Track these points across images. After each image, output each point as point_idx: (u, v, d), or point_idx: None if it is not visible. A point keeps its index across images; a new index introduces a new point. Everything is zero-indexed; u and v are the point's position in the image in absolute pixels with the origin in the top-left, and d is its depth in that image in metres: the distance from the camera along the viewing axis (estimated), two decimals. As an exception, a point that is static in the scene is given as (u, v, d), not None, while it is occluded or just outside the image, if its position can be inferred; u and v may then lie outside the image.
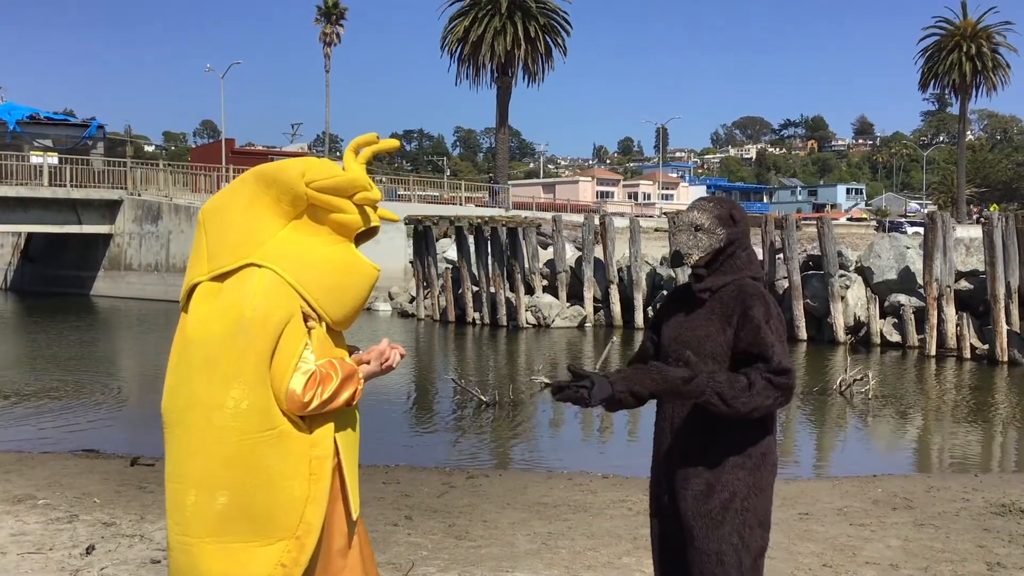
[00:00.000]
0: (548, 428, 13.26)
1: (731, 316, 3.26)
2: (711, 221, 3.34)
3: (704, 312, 3.33)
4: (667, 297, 3.63)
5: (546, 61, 53.41)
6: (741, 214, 3.42)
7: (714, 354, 3.26)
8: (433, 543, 6.37)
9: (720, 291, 3.33)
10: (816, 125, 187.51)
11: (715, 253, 3.34)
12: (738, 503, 3.23)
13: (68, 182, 37.26)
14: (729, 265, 3.35)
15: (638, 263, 25.44)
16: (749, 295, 3.28)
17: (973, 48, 61.24)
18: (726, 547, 3.21)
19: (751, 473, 3.26)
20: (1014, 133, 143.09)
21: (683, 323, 3.37)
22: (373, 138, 3.13)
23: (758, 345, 3.19)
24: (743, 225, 3.40)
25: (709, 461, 3.25)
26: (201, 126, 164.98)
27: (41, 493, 7.72)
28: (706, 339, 3.28)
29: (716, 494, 3.23)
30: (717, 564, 3.20)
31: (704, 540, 3.22)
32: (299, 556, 2.85)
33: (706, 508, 3.22)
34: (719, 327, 3.27)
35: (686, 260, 3.34)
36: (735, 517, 3.22)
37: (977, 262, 22.42)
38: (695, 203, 3.47)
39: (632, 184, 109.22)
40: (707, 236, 3.33)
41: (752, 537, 3.25)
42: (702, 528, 3.22)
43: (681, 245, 3.37)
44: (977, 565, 5.96)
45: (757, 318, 3.22)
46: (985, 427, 13.11)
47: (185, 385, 2.88)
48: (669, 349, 3.38)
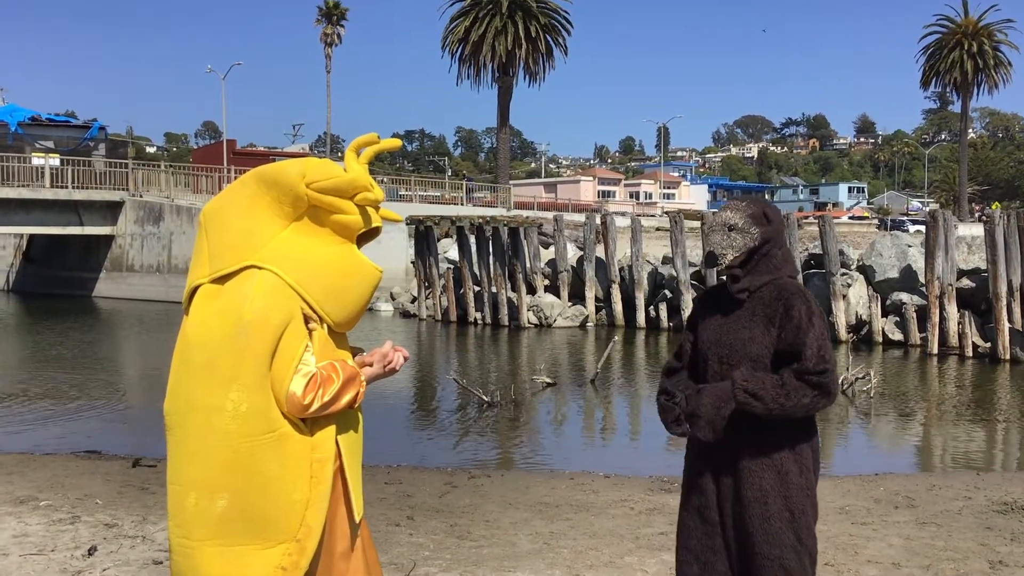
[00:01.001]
0: (550, 428, 13.26)
1: (773, 316, 3.23)
2: (745, 220, 3.31)
3: (745, 313, 3.29)
4: (701, 298, 3.59)
5: (547, 61, 53.45)
6: (775, 212, 3.39)
7: (758, 356, 3.23)
8: (435, 543, 6.37)
9: (759, 291, 3.29)
10: (818, 124, 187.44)
11: (750, 253, 3.30)
12: (795, 506, 3.21)
13: (70, 183, 37.26)
14: (765, 264, 3.31)
15: (640, 262, 25.43)
16: (791, 294, 3.25)
17: (975, 46, 61.21)
18: (787, 552, 3.19)
19: (802, 475, 3.25)
20: (1016, 131, 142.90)
21: (723, 325, 3.33)
22: (374, 138, 3.12)
23: (797, 344, 3.17)
24: (777, 224, 3.36)
25: (762, 466, 3.22)
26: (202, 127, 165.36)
27: (43, 494, 7.72)
28: (750, 341, 3.25)
29: (772, 500, 3.20)
30: (780, 568, 3.18)
31: (766, 547, 3.19)
32: (299, 559, 2.85)
33: (765, 515, 3.19)
34: (763, 328, 3.24)
35: (720, 260, 3.30)
36: (793, 521, 3.20)
37: (979, 260, 22.41)
38: (728, 203, 3.44)
39: (633, 183, 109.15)
40: (741, 236, 3.30)
41: (808, 537, 3.24)
42: (762, 535, 3.19)
43: (715, 245, 3.33)
44: (979, 563, 5.95)
45: (798, 316, 3.19)
46: (987, 425, 13.10)
47: (185, 387, 2.88)
48: (709, 352, 3.35)
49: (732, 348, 3.27)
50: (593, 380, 16.09)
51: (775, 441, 3.22)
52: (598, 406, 14.94)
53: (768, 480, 3.21)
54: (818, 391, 3.14)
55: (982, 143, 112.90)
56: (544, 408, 14.46)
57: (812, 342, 3.16)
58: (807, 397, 3.14)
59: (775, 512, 3.19)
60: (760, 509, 3.20)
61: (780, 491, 3.20)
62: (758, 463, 3.22)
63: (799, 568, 3.20)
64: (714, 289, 3.51)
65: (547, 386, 15.68)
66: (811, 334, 3.17)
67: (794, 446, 3.24)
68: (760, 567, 3.19)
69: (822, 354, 3.16)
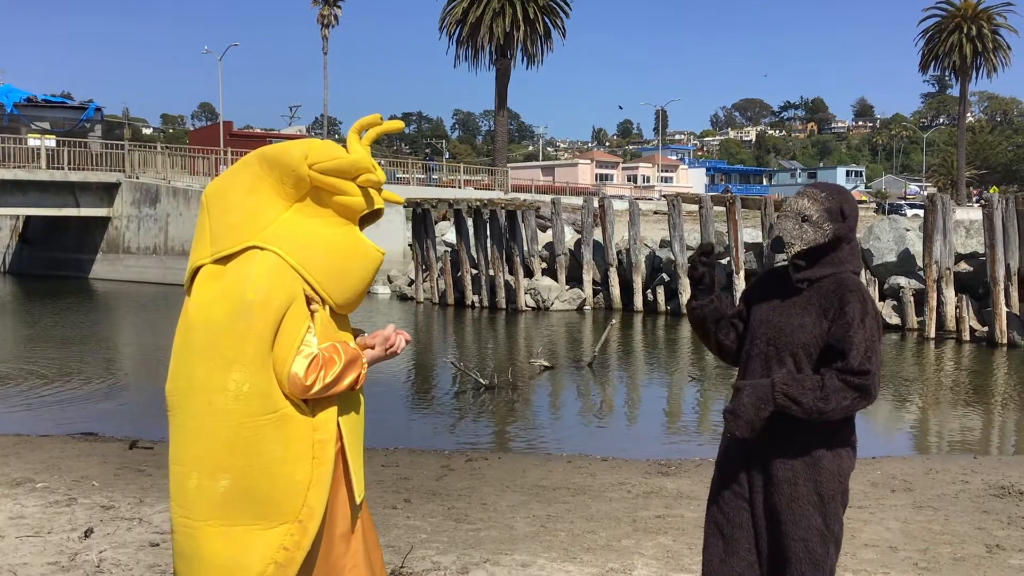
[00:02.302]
0: (547, 411, 13.27)
1: (828, 309, 3.20)
2: (820, 214, 3.25)
3: (802, 301, 3.27)
4: (762, 277, 3.55)
5: (545, 43, 53.24)
6: (852, 208, 3.31)
7: (806, 344, 3.22)
8: (432, 526, 6.37)
9: (820, 282, 3.26)
10: (816, 107, 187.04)
11: (818, 247, 3.25)
12: (825, 490, 3.21)
13: (66, 165, 37.12)
14: (831, 258, 3.27)
15: (637, 246, 25.40)
16: (849, 290, 3.21)
17: (974, 29, 61.09)
18: (813, 534, 3.19)
19: (836, 461, 3.24)
20: (1014, 115, 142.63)
21: (777, 308, 3.31)
22: (377, 119, 3.10)
23: (843, 342, 3.14)
24: (852, 220, 3.30)
25: (796, 449, 3.21)
26: (199, 108, 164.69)
27: (39, 476, 7.71)
28: (800, 329, 3.23)
29: (803, 482, 3.20)
30: (804, 550, 3.18)
31: (792, 527, 3.19)
32: (301, 540, 2.85)
33: (794, 496, 3.20)
34: (815, 319, 3.22)
35: (787, 250, 3.26)
36: (822, 505, 3.20)
37: (977, 244, 22.38)
38: (807, 190, 3.37)
39: (631, 167, 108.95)
40: (813, 229, 3.24)
41: (836, 522, 3.24)
42: (789, 516, 3.20)
43: (785, 233, 3.27)
44: (976, 547, 5.96)
45: (851, 314, 3.16)
46: (984, 409, 13.12)
47: (187, 368, 2.88)
48: (758, 331, 3.33)
49: (781, 331, 3.26)
50: (590, 363, 16.09)
51: (809, 425, 3.20)
52: (595, 389, 14.94)
53: (799, 462, 3.21)
54: (859, 393, 3.12)
55: (980, 127, 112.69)
56: (541, 391, 14.46)
57: (860, 342, 3.12)
58: (847, 399, 3.11)
59: (804, 494, 3.20)
60: (789, 490, 3.20)
61: (811, 475, 3.20)
62: (791, 445, 3.22)
63: (823, 553, 3.20)
64: (778, 270, 3.48)
65: (544, 369, 15.68)
66: (860, 334, 3.13)
67: (828, 432, 3.23)
68: (785, 548, 3.20)
69: (868, 355, 3.12)
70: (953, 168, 75.65)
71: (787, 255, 3.28)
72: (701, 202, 24.55)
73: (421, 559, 5.56)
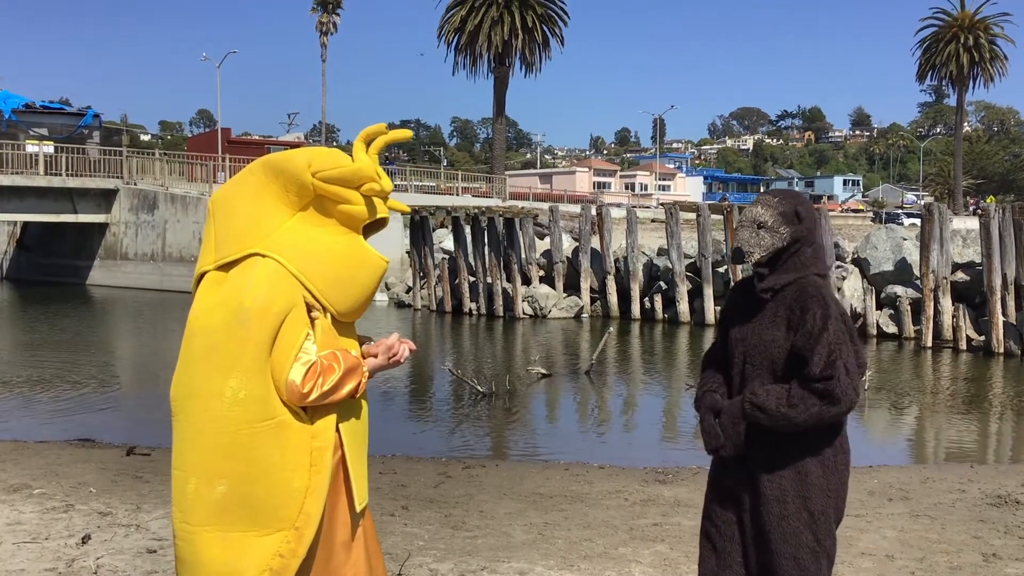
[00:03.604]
0: (545, 419, 13.27)
1: (792, 319, 3.18)
2: (775, 219, 3.23)
3: (768, 314, 3.24)
4: (733, 291, 3.54)
5: (543, 51, 53.33)
6: (808, 210, 3.30)
7: (779, 359, 3.20)
8: (429, 533, 6.37)
9: (783, 291, 3.24)
10: (813, 116, 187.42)
11: (777, 252, 3.23)
12: (815, 506, 3.18)
13: (64, 171, 37.08)
14: (793, 262, 3.24)
15: (635, 254, 25.41)
16: (809, 296, 3.17)
17: (971, 39, 61.18)
18: (803, 551, 3.16)
19: (826, 477, 3.20)
20: (1011, 125, 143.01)
21: (749, 323, 3.29)
22: (383, 128, 3.09)
23: (806, 350, 3.12)
24: (809, 221, 3.28)
25: (783, 464, 3.19)
26: (197, 115, 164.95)
27: (37, 482, 7.70)
28: (772, 344, 3.20)
29: (792, 499, 3.17)
30: (794, 567, 3.15)
31: (781, 544, 3.16)
32: (297, 547, 2.85)
33: (783, 513, 3.17)
34: (784, 332, 3.19)
35: (747, 258, 3.25)
36: (811, 521, 3.17)
37: (974, 254, 22.41)
38: (760, 197, 3.36)
39: (629, 175, 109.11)
40: (770, 234, 3.22)
41: (827, 538, 3.21)
42: (779, 532, 3.17)
43: (743, 242, 3.26)
44: (973, 556, 5.97)
45: (811, 322, 3.13)
46: (981, 418, 13.13)
47: (187, 373, 2.89)
48: (735, 350, 3.31)
49: (755, 348, 3.23)
50: (588, 371, 16.09)
51: (797, 441, 3.18)
52: (593, 397, 14.94)
53: (788, 479, 3.17)
54: (824, 400, 3.07)
55: (977, 137, 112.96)
56: (539, 399, 14.46)
57: (821, 348, 3.09)
58: (815, 406, 3.07)
59: (793, 512, 3.16)
60: (778, 508, 3.17)
61: (799, 491, 3.17)
62: (779, 462, 3.19)
63: (815, 569, 3.17)
64: (744, 282, 3.46)
65: (542, 377, 15.68)
66: (822, 340, 3.09)
67: (817, 447, 3.19)
68: (776, 565, 3.18)
69: (831, 360, 3.07)
70: (950, 177, 75.75)
71: (748, 264, 3.26)
72: (699, 210, 24.58)
73: (418, 566, 5.56)
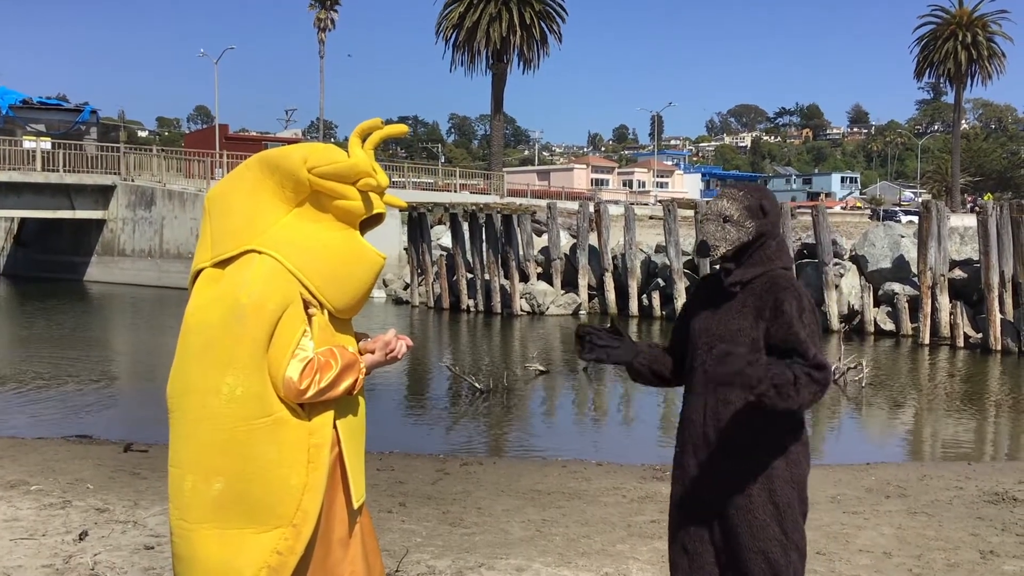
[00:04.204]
0: (542, 415, 13.27)
1: (763, 309, 3.18)
2: (740, 212, 3.23)
3: (736, 305, 3.24)
4: (695, 287, 3.54)
5: (541, 48, 53.21)
6: (772, 203, 3.32)
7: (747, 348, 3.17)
8: (427, 530, 6.37)
9: (751, 283, 3.24)
10: (811, 113, 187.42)
11: (743, 246, 3.24)
12: (781, 499, 3.17)
13: (61, 167, 37.05)
14: (759, 256, 3.25)
15: (633, 250, 25.42)
16: (781, 288, 3.19)
17: (969, 37, 61.19)
18: (772, 545, 3.15)
19: (789, 469, 3.20)
20: (1009, 122, 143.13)
21: (714, 314, 3.29)
22: (379, 123, 3.08)
23: (791, 340, 3.11)
24: (774, 215, 3.30)
25: (750, 458, 3.18)
26: (195, 112, 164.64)
27: (34, 479, 7.70)
28: (739, 333, 3.20)
29: (759, 492, 3.16)
30: (764, 562, 3.15)
31: (750, 539, 3.15)
32: (295, 544, 2.84)
33: (751, 506, 3.16)
34: (752, 321, 3.19)
35: (713, 252, 3.24)
36: (778, 514, 3.17)
37: (971, 251, 22.43)
38: (724, 191, 3.36)
39: (627, 172, 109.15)
40: (735, 228, 3.22)
41: (795, 531, 3.21)
42: (747, 527, 3.16)
43: (708, 236, 3.25)
44: (970, 553, 5.97)
45: (789, 312, 3.13)
46: (978, 415, 13.15)
47: (184, 370, 2.89)
48: (699, 340, 3.30)
49: (721, 339, 3.22)
50: (586, 368, 16.10)
51: (760, 433, 3.18)
52: (590, 394, 14.94)
53: (753, 472, 3.17)
54: (820, 387, 3.08)
55: (975, 134, 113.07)
56: (536, 396, 14.46)
57: (806, 338, 3.11)
58: (811, 393, 3.07)
59: (759, 504, 3.16)
60: (744, 501, 3.16)
61: (765, 484, 3.17)
62: (743, 455, 3.19)
63: (784, 562, 3.16)
64: (709, 277, 3.47)
65: (540, 374, 15.68)
66: (803, 330, 3.12)
67: (780, 438, 3.20)
68: (746, 560, 3.16)
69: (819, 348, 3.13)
70: (948, 175, 75.78)
71: (713, 258, 3.26)
72: (696, 207, 24.60)
73: (416, 563, 5.56)
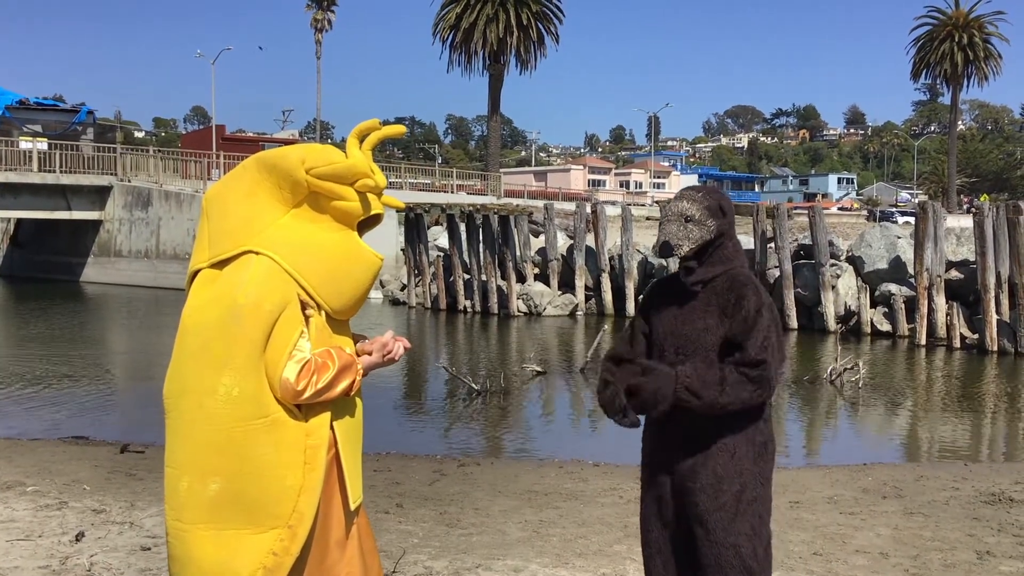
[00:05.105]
0: (539, 416, 13.27)
1: (726, 306, 3.24)
2: (702, 212, 3.30)
3: (700, 304, 3.30)
4: (652, 288, 3.59)
5: (538, 49, 53.27)
6: (729, 205, 3.40)
7: (713, 346, 3.24)
8: (424, 531, 6.37)
9: (713, 282, 3.31)
10: (808, 114, 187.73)
11: (705, 245, 3.30)
12: (749, 493, 3.22)
13: (57, 168, 37.02)
14: (719, 255, 3.32)
15: (630, 251, 25.43)
16: (742, 284, 3.26)
17: (965, 38, 61.27)
18: (742, 539, 3.20)
19: (756, 463, 3.26)
20: (1005, 123, 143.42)
21: (678, 316, 3.33)
22: (376, 124, 3.08)
23: (742, 335, 3.18)
24: (731, 216, 3.38)
25: (716, 453, 3.22)
26: (192, 112, 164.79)
27: (30, 480, 7.69)
28: (705, 332, 3.25)
29: (727, 486, 3.20)
30: (735, 556, 3.19)
31: (721, 533, 3.20)
32: (290, 545, 2.84)
33: (719, 502, 3.20)
34: (718, 319, 3.25)
35: (676, 251, 3.30)
36: (747, 508, 3.22)
37: (967, 252, 22.45)
38: (683, 192, 3.43)
39: (624, 173, 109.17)
40: (697, 227, 3.29)
41: (763, 526, 3.26)
42: (717, 521, 3.20)
43: (671, 236, 3.32)
44: (966, 553, 5.98)
45: (748, 308, 3.21)
46: (975, 416, 13.16)
47: (180, 371, 2.88)
48: (665, 343, 3.34)
49: (688, 339, 3.27)
50: (583, 369, 16.09)
51: (729, 428, 3.23)
52: (588, 395, 14.94)
53: (722, 466, 3.21)
54: (756, 385, 3.14)
55: (971, 135, 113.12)
56: (533, 396, 14.46)
57: (757, 334, 3.17)
58: (745, 391, 3.13)
59: (729, 499, 3.20)
60: (714, 495, 3.21)
61: (735, 478, 3.21)
62: (712, 449, 3.23)
63: (752, 555, 3.21)
64: (666, 279, 3.51)
65: (537, 374, 15.68)
66: (758, 326, 3.18)
67: (749, 434, 3.25)
68: (718, 555, 3.20)
69: (764, 345, 3.16)
70: (944, 176, 75.87)
71: (676, 257, 3.32)
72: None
73: (413, 564, 5.55)
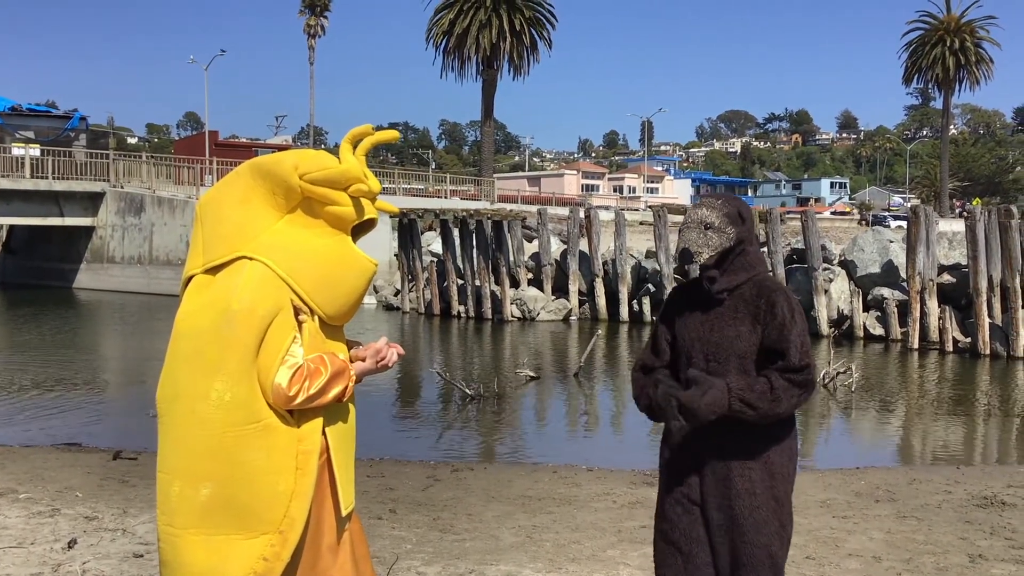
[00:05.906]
0: (533, 421, 13.27)
1: (758, 314, 3.25)
2: (721, 219, 3.30)
3: (728, 311, 3.30)
4: (672, 295, 3.58)
5: (531, 54, 53.32)
6: (748, 212, 3.40)
7: (745, 353, 3.25)
8: (417, 536, 6.36)
9: (739, 289, 3.30)
10: (800, 119, 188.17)
11: (725, 252, 3.30)
12: (780, 494, 3.27)
13: (50, 174, 36.96)
14: (740, 263, 3.32)
15: (623, 256, 25.46)
16: (772, 291, 3.27)
17: (956, 42, 61.39)
18: (774, 539, 3.25)
19: (785, 465, 3.31)
20: (997, 127, 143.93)
21: (705, 323, 3.33)
22: (369, 129, 3.08)
23: (781, 342, 3.19)
24: (750, 223, 3.38)
25: (751, 457, 3.26)
26: (184, 118, 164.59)
27: (23, 487, 7.66)
28: (737, 339, 3.26)
29: (762, 489, 3.24)
30: (767, 555, 3.23)
31: (755, 534, 3.23)
32: (281, 551, 2.84)
33: (755, 503, 3.24)
34: (750, 326, 3.25)
35: (696, 259, 3.30)
36: (780, 509, 3.27)
37: (960, 256, 22.54)
38: (704, 200, 3.43)
39: (617, 177, 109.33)
40: (717, 235, 3.28)
41: (790, 524, 3.32)
42: (753, 523, 3.23)
43: (691, 243, 3.31)
44: (959, 557, 5.99)
45: (782, 314, 3.21)
46: (967, 420, 13.19)
47: (173, 376, 2.88)
48: (693, 350, 3.34)
49: (719, 346, 3.28)
50: (576, 374, 16.10)
51: (762, 433, 3.26)
52: (581, 400, 14.95)
53: (757, 471, 3.26)
54: (803, 389, 3.20)
55: (963, 139, 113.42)
56: (527, 402, 14.46)
57: (796, 339, 3.20)
58: (795, 397, 3.18)
59: (763, 502, 3.25)
60: (749, 499, 3.24)
61: (767, 481, 3.26)
62: (747, 454, 3.26)
63: (782, 553, 3.28)
64: (685, 285, 3.51)
65: (530, 379, 15.68)
66: (794, 332, 3.21)
67: (779, 437, 3.30)
68: (748, 555, 3.24)
69: (804, 350, 3.21)
70: (936, 180, 76.00)
71: (696, 264, 3.31)
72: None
73: (406, 570, 5.55)
